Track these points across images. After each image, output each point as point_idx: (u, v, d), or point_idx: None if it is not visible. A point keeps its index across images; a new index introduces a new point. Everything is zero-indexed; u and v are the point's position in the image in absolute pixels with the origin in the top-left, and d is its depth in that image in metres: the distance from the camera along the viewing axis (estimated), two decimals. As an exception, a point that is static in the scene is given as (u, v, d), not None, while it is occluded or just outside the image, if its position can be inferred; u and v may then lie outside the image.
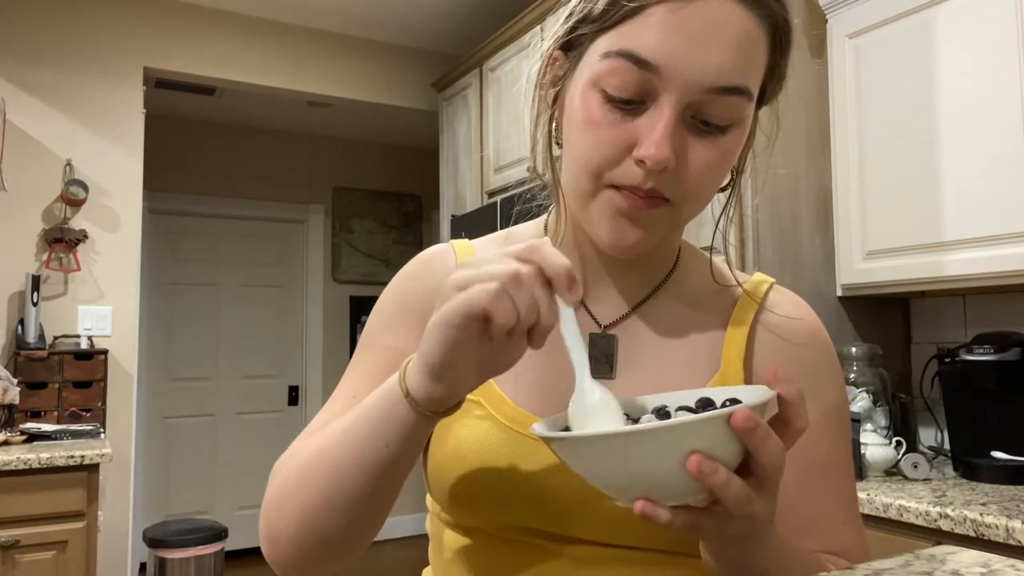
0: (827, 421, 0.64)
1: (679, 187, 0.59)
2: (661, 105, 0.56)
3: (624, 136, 0.57)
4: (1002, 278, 1.73)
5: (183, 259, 4.66)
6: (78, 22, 3.14)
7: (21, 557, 2.22)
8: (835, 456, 0.65)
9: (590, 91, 0.59)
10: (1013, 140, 1.71)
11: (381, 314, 0.73)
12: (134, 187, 3.19)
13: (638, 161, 0.57)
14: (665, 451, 0.44)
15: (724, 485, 0.44)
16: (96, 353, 2.94)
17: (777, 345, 0.66)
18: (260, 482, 4.73)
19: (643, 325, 0.67)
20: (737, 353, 0.65)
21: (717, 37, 0.55)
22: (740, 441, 0.44)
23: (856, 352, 2.00)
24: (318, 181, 5.01)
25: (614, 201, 0.59)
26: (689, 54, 0.55)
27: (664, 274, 0.70)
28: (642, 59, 0.55)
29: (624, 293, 0.69)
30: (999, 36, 1.75)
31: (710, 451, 0.43)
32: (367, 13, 3.53)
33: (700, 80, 0.55)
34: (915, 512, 1.50)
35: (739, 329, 0.66)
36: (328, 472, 0.58)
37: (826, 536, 0.63)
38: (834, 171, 2.13)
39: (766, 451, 0.45)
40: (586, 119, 0.59)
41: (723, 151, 0.60)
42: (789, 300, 0.70)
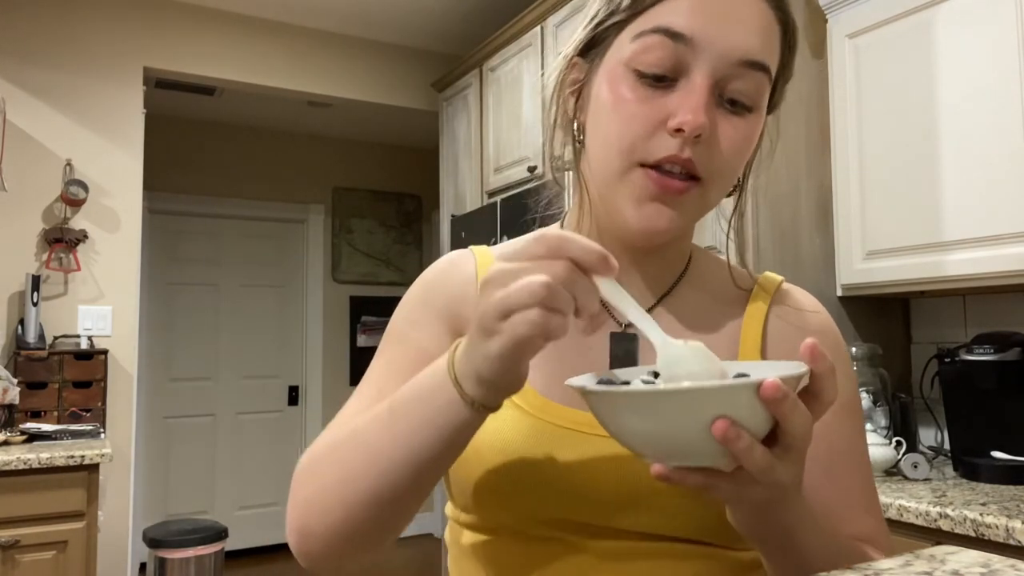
0: (843, 412, 0.65)
1: (711, 163, 0.60)
2: (693, 78, 0.59)
3: (656, 111, 0.59)
4: (1002, 278, 1.73)
5: (183, 259, 4.66)
6: (78, 22, 3.14)
7: (21, 557, 2.22)
8: (855, 445, 0.67)
9: (620, 73, 0.61)
10: (1013, 140, 1.71)
11: (407, 311, 0.73)
12: (134, 187, 3.19)
13: (675, 131, 0.58)
14: (694, 413, 0.45)
15: (747, 451, 0.45)
16: (96, 353, 2.94)
17: (791, 334, 0.68)
18: (260, 482, 4.74)
19: (666, 319, 0.68)
20: (754, 342, 0.67)
21: (743, 18, 0.59)
22: (768, 410, 0.46)
23: (856, 352, 2.00)
24: (318, 181, 5.01)
25: (645, 184, 0.60)
26: (720, 28, 0.58)
27: (682, 267, 0.72)
28: (676, 32, 0.58)
29: (646, 289, 0.70)
30: (999, 36, 1.75)
31: (737, 417, 0.45)
32: (367, 13, 3.53)
33: (731, 52, 0.59)
34: (915, 512, 1.50)
35: (755, 319, 0.69)
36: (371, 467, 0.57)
37: (850, 523, 0.64)
38: (834, 171, 2.13)
39: (793, 421, 0.46)
40: (617, 99, 0.61)
41: (747, 132, 0.62)
42: (801, 294, 0.73)
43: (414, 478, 0.57)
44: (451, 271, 0.73)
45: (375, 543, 0.61)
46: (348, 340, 4.98)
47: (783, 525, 0.52)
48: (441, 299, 0.71)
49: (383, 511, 0.58)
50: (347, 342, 4.98)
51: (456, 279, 0.72)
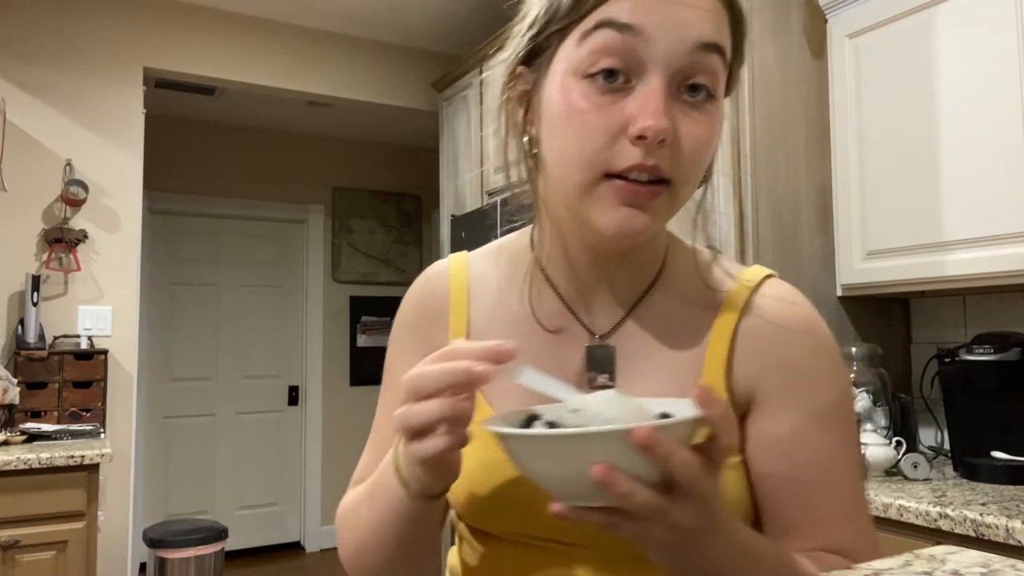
0: (820, 420, 0.63)
1: (677, 163, 0.58)
2: (649, 78, 0.56)
3: (615, 118, 0.57)
4: (1002, 278, 1.73)
5: (183, 259, 4.66)
6: (78, 22, 3.14)
7: (21, 557, 2.22)
8: (830, 454, 0.63)
9: (570, 81, 0.58)
10: (1013, 140, 1.71)
11: (393, 344, 0.76)
12: (134, 187, 3.19)
13: (637, 138, 0.56)
14: (580, 458, 0.45)
15: (628, 495, 0.45)
16: (96, 353, 2.94)
17: (762, 346, 0.64)
18: (260, 482, 4.74)
19: (638, 329, 0.67)
20: (718, 360, 0.64)
21: (691, 2, 0.56)
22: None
23: (856, 352, 2.00)
24: (318, 181, 5.01)
25: (613, 194, 0.58)
26: (669, 14, 0.56)
27: (654, 272, 0.69)
28: (624, 23, 0.55)
29: (617, 298, 0.68)
30: (999, 36, 1.75)
31: (618, 462, 0.45)
32: (367, 13, 3.53)
33: (684, 38, 0.56)
34: (915, 512, 1.50)
35: (722, 333, 0.65)
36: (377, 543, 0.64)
37: (816, 536, 0.62)
38: (834, 171, 2.13)
39: (673, 466, 0.45)
40: (570, 109, 0.58)
41: (709, 125, 0.59)
42: (780, 297, 0.67)
43: (408, 549, 0.63)
44: (425, 297, 0.75)
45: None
46: (348, 340, 4.98)
47: (707, 565, 0.51)
48: (419, 328, 0.74)
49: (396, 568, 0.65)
50: (347, 342, 4.98)
51: (431, 305, 0.74)
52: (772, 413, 0.63)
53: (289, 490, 4.83)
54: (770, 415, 0.63)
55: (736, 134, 2.01)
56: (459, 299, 0.72)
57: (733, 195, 2.00)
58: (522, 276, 0.70)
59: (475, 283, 0.73)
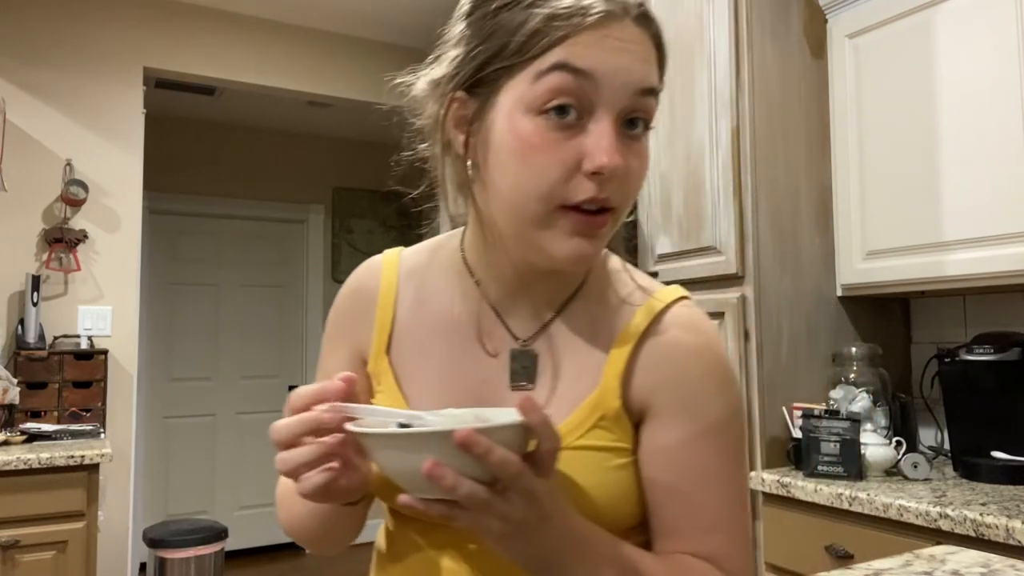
0: (706, 436, 0.68)
1: (623, 194, 0.64)
2: (600, 117, 0.62)
3: (570, 155, 0.61)
4: (1002, 278, 1.73)
5: (183, 259, 4.66)
6: (78, 22, 3.14)
7: (21, 557, 2.22)
8: (712, 468, 0.68)
9: (523, 118, 0.62)
10: (1013, 140, 1.71)
11: (326, 339, 0.82)
12: (134, 187, 3.19)
13: (592, 174, 0.61)
14: (416, 455, 0.52)
15: (452, 488, 0.51)
16: (96, 353, 2.94)
17: (659, 363, 0.70)
18: (260, 482, 4.74)
19: (557, 336, 0.72)
20: (616, 369, 0.69)
21: (632, 49, 0.63)
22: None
23: (856, 352, 2.00)
24: (318, 181, 5.00)
25: (569, 225, 0.63)
26: (617, 62, 0.61)
27: (577, 282, 0.74)
28: (579, 68, 0.60)
29: (541, 306, 0.73)
30: (999, 36, 1.75)
31: (446, 459, 0.51)
32: (367, 13, 3.53)
33: (628, 83, 0.62)
34: (915, 512, 1.50)
35: (623, 346, 0.70)
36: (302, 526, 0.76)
37: (690, 540, 0.67)
38: (834, 171, 2.13)
39: (492, 464, 0.51)
40: (524, 145, 0.62)
41: (645, 155, 0.66)
42: (683, 319, 0.72)
43: (336, 533, 0.74)
44: (355, 293, 0.80)
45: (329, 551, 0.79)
46: (348, 340, 4.98)
47: (541, 553, 0.57)
48: (347, 324, 0.79)
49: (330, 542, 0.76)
50: (347, 342, 4.98)
51: (360, 301, 0.79)
52: (662, 425, 0.68)
53: (289, 490, 4.83)
54: (661, 426, 0.68)
55: (736, 134, 2.01)
56: (387, 298, 0.77)
57: (733, 195, 2.00)
58: (452, 277, 0.76)
59: (404, 281, 0.78)
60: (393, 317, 0.76)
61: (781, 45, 2.08)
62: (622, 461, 0.68)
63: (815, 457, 1.79)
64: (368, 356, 0.76)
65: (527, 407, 0.54)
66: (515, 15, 0.63)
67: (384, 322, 0.76)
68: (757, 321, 1.95)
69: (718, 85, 2.07)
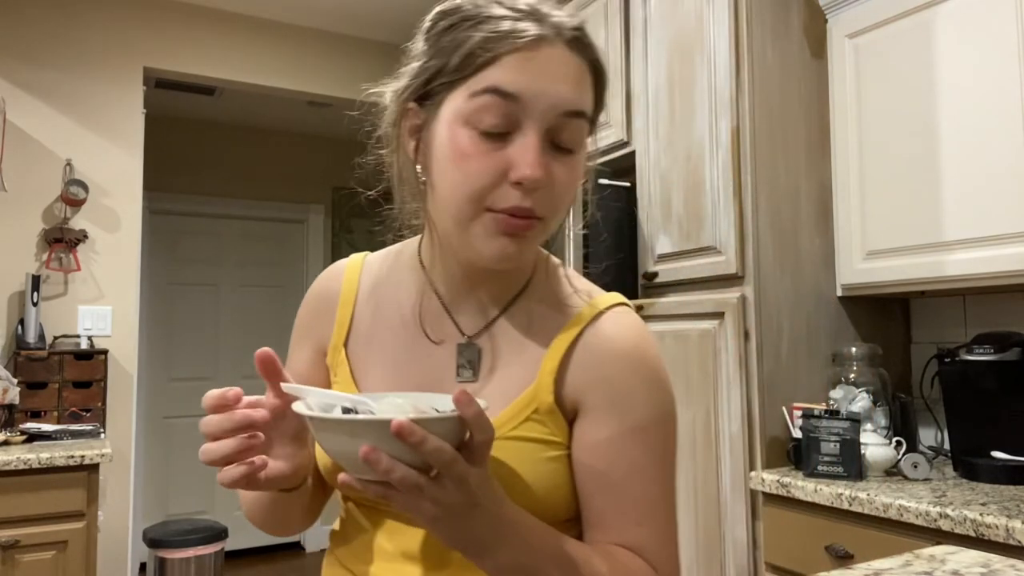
0: (633, 434, 0.73)
1: (549, 204, 0.69)
2: (526, 132, 0.67)
3: (498, 163, 0.67)
4: (1002, 278, 1.73)
5: (183, 259, 4.66)
6: (78, 22, 3.14)
7: (21, 557, 2.22)
8: (639, 464, 0.73)
9: (460, 129, 0.68)
10: (1013, 140, 1.71)
11: (293, 334, 0.89)
12: (134, 187, 3.19)
13: (515, 183, 0.67)
14: (354, 439, 0.56)
15: (387, 471, 0.55)
16: (96, 353, 2.94)
17: (591, 363, 0.74)
18: (260, 482, 4.73)
19: (501, 333, 0.77)
20: (551, 366, 0.74)
21: (561, 73, 0.68)
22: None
23: (856, 352, 2.00)
24: (318, 181, 5.01)
25: (494, 226, 0.68)
26: (543, 85, 0.67)
27: (521, 285, 0.79)
28: (507, 92, 0.66)
29: (486, 304, 0.79)
30: (999, 36, 1.75)
31: (382, 445, 0.55)
32: (367, 13, 3.53)
33: (555, 106, 0.67)
34: (915, 512, 1.50)
35: (559, 345, 0.75)
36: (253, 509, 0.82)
37: (617, 531, 0.72)
38: (834, 171, 2.13)
39: (425, 452, 0.55)
40: (459, 154, 0.68)
41: (575, 171, 0.71)
42: (618, 323, 0.77)
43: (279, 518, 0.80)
44: (319, 294, 0.87)
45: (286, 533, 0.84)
46: (348, 340, 4.98)
47: (469, 537, 0.61)
48: (310, 322, 0.86)
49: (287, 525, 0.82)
50: (347, 342, 4.98)
51: (323, 301, 0.85)
52: (593, 421, 0.73)
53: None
54: (592, 422, 0.73)
55: (736, 134, 2.01)
56: (347, 297, 0.83)
57: (733, 195, 2.00)
58: (409, 276, 0.82)
59: (365, 282, 0.84)
60: (352, 314, 0.83)
61: (781, 45, 2.08)
62: (555, 453, 0.73)
63: (815, 457, 1.79)
64: (327, 350, 0.83)
65: (463, 401, 0.57)
66: (458, 35, 0.69)
67: (344, 319, 0.82)
68: (757, 321, 1.95)
69: (718, 85, 2.07)
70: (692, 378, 2.10)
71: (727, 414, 1.98)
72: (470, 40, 0.68)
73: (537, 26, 0.68)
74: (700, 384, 2.07)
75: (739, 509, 1.94)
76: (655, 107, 2.31)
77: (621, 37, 2.46)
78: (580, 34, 0.70)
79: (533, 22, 0.68)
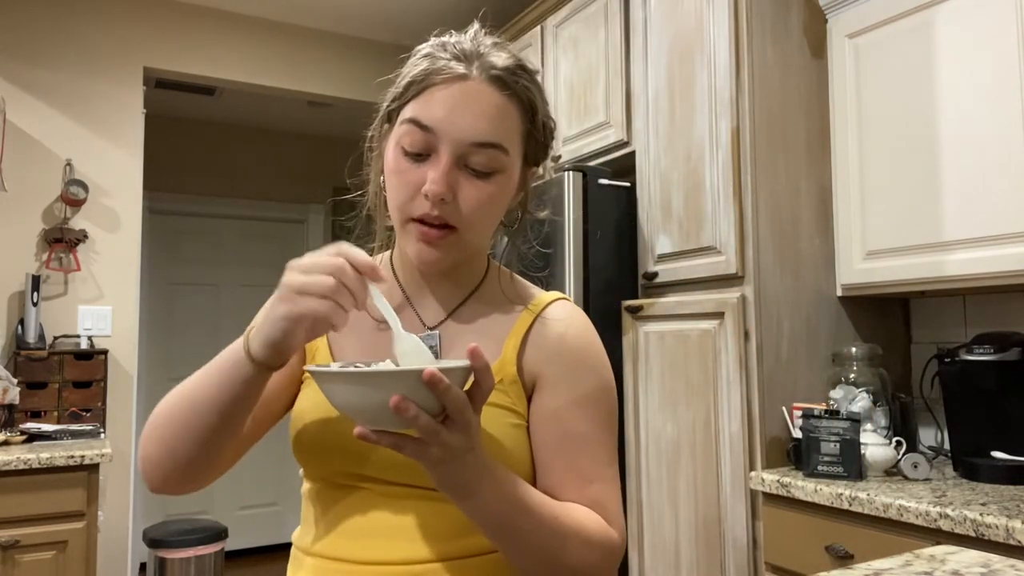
0: (583, 402, 0.85)
1: (458, 216, 0.81)
2: (440, 155, 0.80)
3: (415, 179, 0.80)
4: (1002, 278, 1.73)
5: (183, 259, 4.66)
6: (78, 22, 3.14)
7: (21, 557, 2.22)
8: (588, 429, 0.84)
9: (395, 149, 0.82)
10: (1013, 140, 1.71)
11: None
12: (134, 187, 3.19)
13: (424, 195, 0.79)
14: (381, 391, 0.62)
15: (415, 419, 0.62)
16: (96, 353, 2.94)
17: (545, 343, 0.87)
18: (260, 482, 4.74)
19: (458, 324, 0.89)
20: (513, 344, 0.86)
21: (474, 108, 0.80)
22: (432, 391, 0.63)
23: (856, 352, 2.00)
24: (318, 181, 5.00)
25: (416, 231, 0.81)
26: (454, 119, 0.79)
27: (474, 285, 0.92)
28: (423, 123, 0.80)
29: (443, 300, 0.91)
30: (999, 36, 1.75)
31: (410, 395, 0.62)
32: (367, 13, 3.53)
33: (462, 138, 0.79)
34: (915, 512, 1.50)
35: (518, 331, 0.87)
36: (188, 408, 0.77)
37: (575, 490, 0.82)
38: (834, 171, 2.13)
39: (449, 399, 0.63)
40: (391, 168, 0.83)
41: (488, 192, 0.82)
42: (562, 311, 0.90)
43: (216, 418, 0.76)
44: None
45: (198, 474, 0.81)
46: (348, 340, 4.98)
47: (461, 480, 0.68)
48: None
49: (194, 445, 0.77)
50: (347, 342, 4.97)
51: None
52: (548, 393, 0.85)
53: (289, 490, 4.83)
54: (546, 394, 0.85)
55: (736, 134, 2.01)
56: None
57: (733, 195, 2.00)
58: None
59: None
60: None
61: (781, 45, 2.08)
62: (516, 421, 0.84)
63: (815, 457, 1.79)
64: None
65: (476, 353, 0.66)
66: (407, 67, 0.84)
67: None
68: (757, 321, 1.95)
69: (718, 85, 2.07)
70: (692, 378, 2.10)
71: (727, 414, 1.98)
72: (411, 72, 0.83)
73: (464, 66, 0.81)
74: (700, 384, 2.07)
75: (739, 509, 1.94)
76: (655, 107, 2.31)
77: (621, 37, 2.46)
78: (503, 73, 0.81)
79: (462, 62, 0.81)
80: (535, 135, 0.86)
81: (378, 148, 0.89)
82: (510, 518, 0.72)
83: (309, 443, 0.83)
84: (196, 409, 0.76)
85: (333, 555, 0.81)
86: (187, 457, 0.78)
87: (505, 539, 0.74)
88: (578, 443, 0.83)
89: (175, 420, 0.78)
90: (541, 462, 0.84)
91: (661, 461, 2.19)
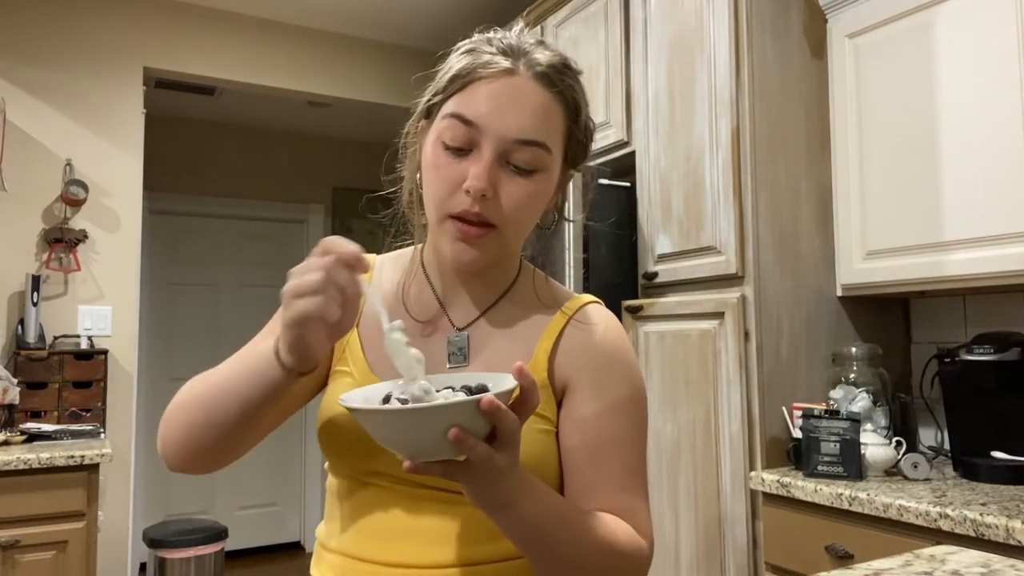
0: (614, 410, 0.83)
1: (499, 214, 0.79)
2: (482, 151, 0.78)
3: (456, 174, 0.78)
4: (1002, 278, 1.73)
5: (183, 259, 4.66)
6: (78, 22, 3.14)
7: (21, 557, 2.22)
8: (619, 437, 0.82)
9: (435, 144, 0.80)
10: (1013, 140, 1.71)
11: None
12: (134, 187, 3.19)
13: (465, 191, 0.77)
14: (436, 424, 0.60)
15: (473, 448, 0.61)
16: (96, 353, 2.94)
17: (578, 347, 0.85)
18: (260, 482, 4.74)
19: (489, 326, 0.87)
20: (545, 348, 0.85)
21: (519, 104, 0.78)
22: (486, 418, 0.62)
23: (856, 352, 2.00)
24: (318, 181, 5.00)
25: (452, 230, 0.79)
26: (499, 115, 0.78)
27: (506, 286, 0.90)
28: (466, 118, 0.78)
29: (474, 301, 0.88)
30: (999, 36, 1.75)
31: (465, 424, 0.60)
32: (367, 13, 3.53)
33: (506, 134, 0.77)
34: (915, 512, 1.50)
35: (550, 334, 0.86)
36: (214, 397, 0.77)
37: (605, 498, 0.80)
38: (834, 171, 2.13)
39: (504, 424, 0.62)
40: (431, 164, 0.81)
41: (530, 190, 0.80)
42: (595, 316, 0.88)
43: (238, 413, 0.75)
44: None
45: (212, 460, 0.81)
46: (348, 340, 4.97)
47: (502, 496, 0.67)
48: None
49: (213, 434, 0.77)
50: (347, 342, 4.97)
51: None
52: (580, 398, 0.83)
53: (289, 490, 4.83)
54: (578, 399, 0.83)
55: (736, 134, 2.01)
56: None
57: (733, 195, 2.00)
58: (413, 274, 0.92)
59: (375, 278, 0.93)
60: (361, 307, 0.87)
61: (781, 45, 2.08)
62: (545, 427, 0.82)
63: (815, 457, 1.79)
64: None
65: (523, 372, 0.65)
66: (448, 61, 0.82)
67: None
68: (757, 321, 1.95)
69: (718, 85, 2.07)
70: (692, 378, 2.10)
71: (727, 414, 1.98)
72: (452, 68, 0.81)
73: (510, 61, 0.79)
74: (700, 384, 2.07)
75: (739, 509, 1.94)
76: (655, 107, 2.31)
77: (621, 37, 2.46)
78: (550, 70, 0.80)
79: (508, 57, 0.79)
80: (577, 135, 0.85)
81: (415, 144, 0.87)
82: (544, 531, 0.71)
83: (336, 439, 0.82)
84: (222, 402, 0.76)
85: (356, 555, 0.80)
86: (208, 444, 0.78)
87: (537, 551, 0.72)
88: (609, 450, 0.82)
89: (200, 407, 0.78)
90: (570, 468, 0.82)
91: (661, 461, 2.19)
